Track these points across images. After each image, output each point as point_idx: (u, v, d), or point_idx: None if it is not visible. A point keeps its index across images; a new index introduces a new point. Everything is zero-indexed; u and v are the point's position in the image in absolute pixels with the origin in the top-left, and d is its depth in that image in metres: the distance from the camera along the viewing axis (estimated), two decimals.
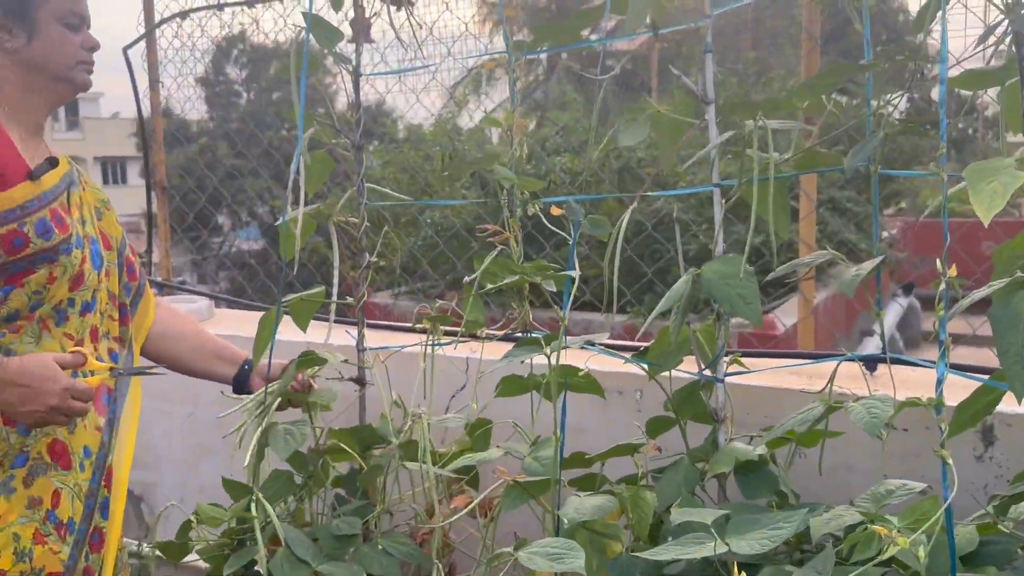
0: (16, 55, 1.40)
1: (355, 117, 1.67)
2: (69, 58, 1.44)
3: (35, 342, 1.34)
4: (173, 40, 3.06)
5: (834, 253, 1.31)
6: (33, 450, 1.32)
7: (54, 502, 1.34)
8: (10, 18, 1.39)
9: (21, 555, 1.29)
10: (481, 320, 1.55)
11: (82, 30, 1.46)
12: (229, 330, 2.55)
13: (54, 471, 1.34)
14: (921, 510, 1.00)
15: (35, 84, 1.42)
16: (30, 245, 1.30)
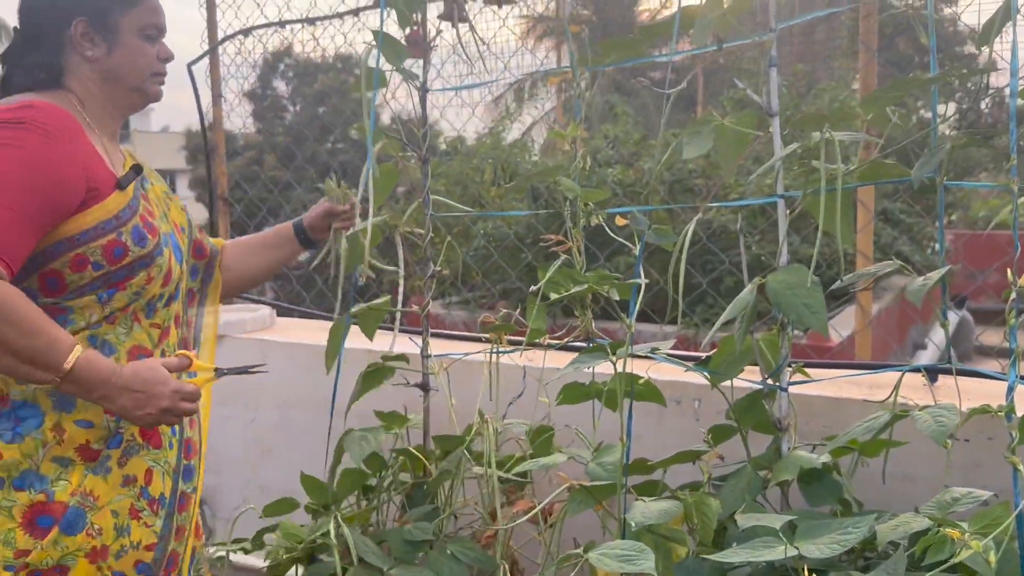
0: (96, 64, 1.44)
1: (421, 131, 1.72)
2: (145, 70, 1.48)
3: (127, 332, 1.41)
4: (236, 57, 3.17)
5: (900, 263, 1.33)
6: (127, 432, 1.39)
7: (147, 479, 1.41)
8: (93, 28, 1.43)
9: (120, 530, 1.37)
10: (544, 329, 1.58)
11: (159, 41, 1.52)
12: (291, 338, 2.63)
13: (146, 451, 1.41)
14: (992, 516, 1.01)
15: (112, 93, 1.47)
16: (129, 253, 1.36)
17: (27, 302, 1.25)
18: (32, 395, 1.32)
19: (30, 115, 1.30)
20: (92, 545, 1.33)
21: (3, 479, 1.30)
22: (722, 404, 1.60)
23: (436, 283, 1.84)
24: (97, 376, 1.27)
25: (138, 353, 1.42)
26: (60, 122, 1.32)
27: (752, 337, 1.45)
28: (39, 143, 1.29)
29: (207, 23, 3.12)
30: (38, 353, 1.23)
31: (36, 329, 1.24)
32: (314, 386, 1.88)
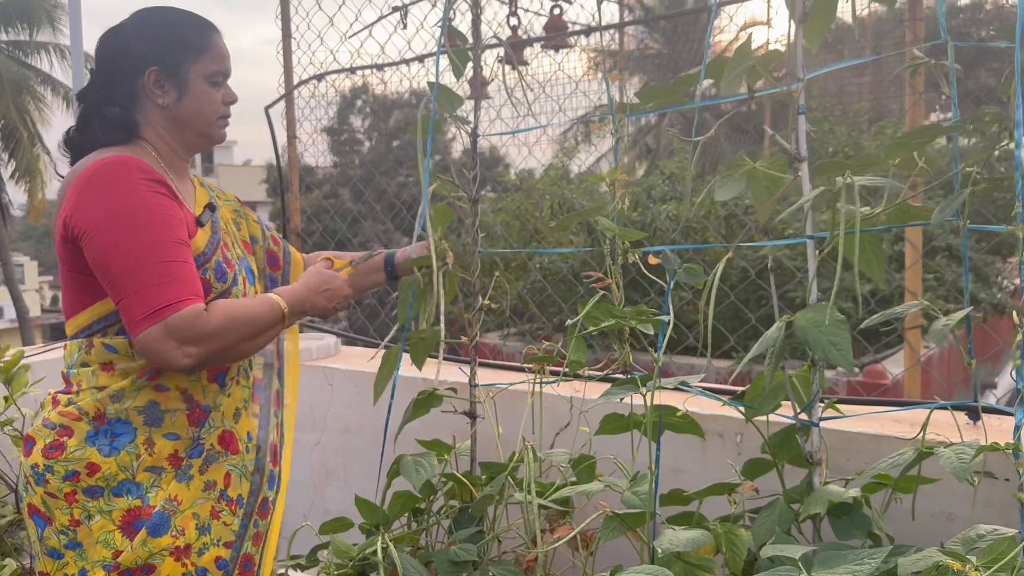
0: (166, 111, 1.53)
1: (472, 173, 1.82)
2: (212, 115, 1.57)
3: None
4: (310, 100, 3.36)
5: (926, 304, 1.36)
6: (207, 442, 1.52)
7: (226, 482, 1.54)
8: (165, 76, 1.52)
9: (202, 529, 1.50)
10: (583, 360, 1.65)
11: (224, 85, 1.59)
12: (355, 366, 2.75)
13: (224, 457, 1.54)
14: (999, 550, 1.04)
15: (180, 137, 1.56)
16: (212, 290, 1.50)
17: (227, 304, 1.45)
18: (125, 413, 1.46)
19: (136, 173, 1.42)
20: (176, 545, 1.46)
21: (103, 488, 1.43)
22: (763, 438, 1.64)
23: (494, 315, 1.93)
24: (296, 300, 1.56)
25: (218, 371, 1.54)
26: (154, 174, 1.45)
27: (784, 373, 1.50)
28: (155, 194, 1.43)
29: (283, 68, 3.32)
30: (265, 327, 1.49)
31: (252, 315, 1.47)
32: (374, 412, 1.98)
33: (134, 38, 1.52)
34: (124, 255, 1.37)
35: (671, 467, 2.00)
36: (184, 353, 1.37)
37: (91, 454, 1.43)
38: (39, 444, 1.45)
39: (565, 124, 3.42)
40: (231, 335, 1.42)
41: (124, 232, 1.38)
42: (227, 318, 1.41)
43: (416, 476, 1.73)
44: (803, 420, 1.51)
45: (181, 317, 1.35)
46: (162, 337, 1.35)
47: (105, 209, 1.39)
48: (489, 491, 1.73)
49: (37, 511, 1.46)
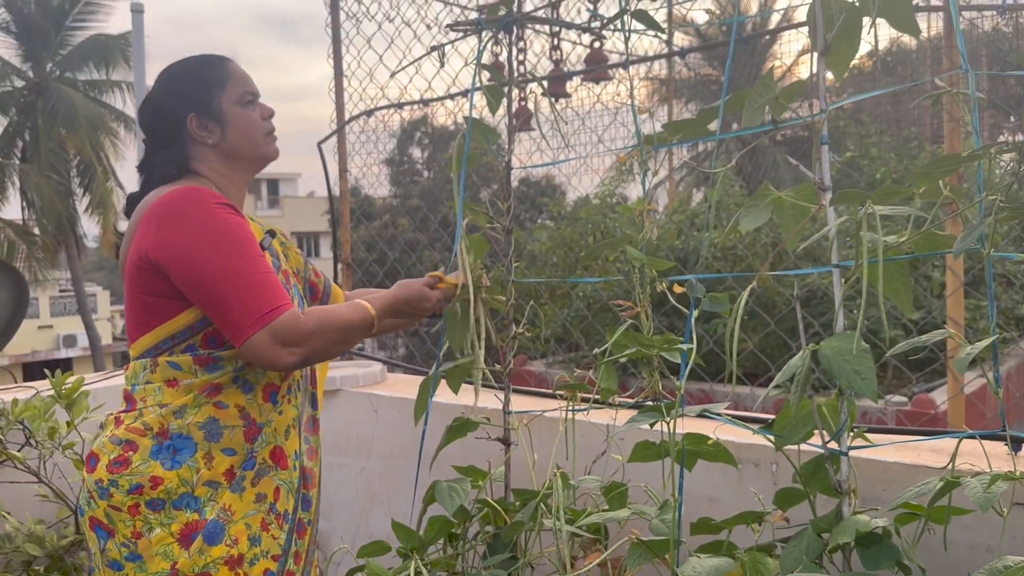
0: (217, 148, 1.63)
1: (506, 205, 1.87)
2: (258, 135, 1.66)
3: (263, 372, 1.63)
4: (360, 135, 3.47)
5: (951, 332, 1.35)
6: (259, 456, 1.60)
7: (275, 496, 1.62)
8: (203, 116, 1.62)
9: (253, 540, 1.58)
10: (614, 388, 1.68)
11: (257, 104, 1.68)
12: (399, 393, 2.81)
13: (275, 471, 1.63)
14: None
15: (238, 167, 1.66)
16: None
17: (319, 309, 1.56)
18: (187, 429, 1.55)
19: (208, 198, 1.53)
20: (230, 554, 1.54)
21: (164, 500, 1.52)
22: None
23: (537, 343, 1.97)
24: (385, 309, 1.67)
25: (271, 390, 1.64)
26: (222, 198, 1.56)
27: (812, 401, 1.50)
28: (230, 215, 1.53)
29: (335, 105, 3.44)
30: (357, 330, 1.61)
31: (344, 319, 1.57)
32: (417, 438, 2.02)
33: (166, 97, 1.63)
34: (221, 271, 1.48)
35: (706, 496, 2.00)
36: (289, 352, 1.48)
37: (154, 468, 1.52)
38: (104, 460, 1.54)
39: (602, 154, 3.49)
40: (327, 336, 1.53)
41: (215, 251, 1.48)
42: (322, 320, 1.52)
43: (450, 502, 1.77)
44: (832, 449, 1.51)
45: (284, 320, 1.47)
46: (269, 340, 1.46)
47: (189, 234, 1.49)
48: (520, 518, 1.76)
49: (100, 523, 1.54)
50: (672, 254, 5.04)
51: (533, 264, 6.05)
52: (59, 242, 19.19)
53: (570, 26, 2.03)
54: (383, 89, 3.42)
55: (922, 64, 7.10)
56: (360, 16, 3.47)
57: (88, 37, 20.18)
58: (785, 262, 3.77)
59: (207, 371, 1.58)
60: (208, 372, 1.58)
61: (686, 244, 5.12)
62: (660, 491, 1.72)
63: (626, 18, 1.68)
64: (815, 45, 1.48)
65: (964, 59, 1.35)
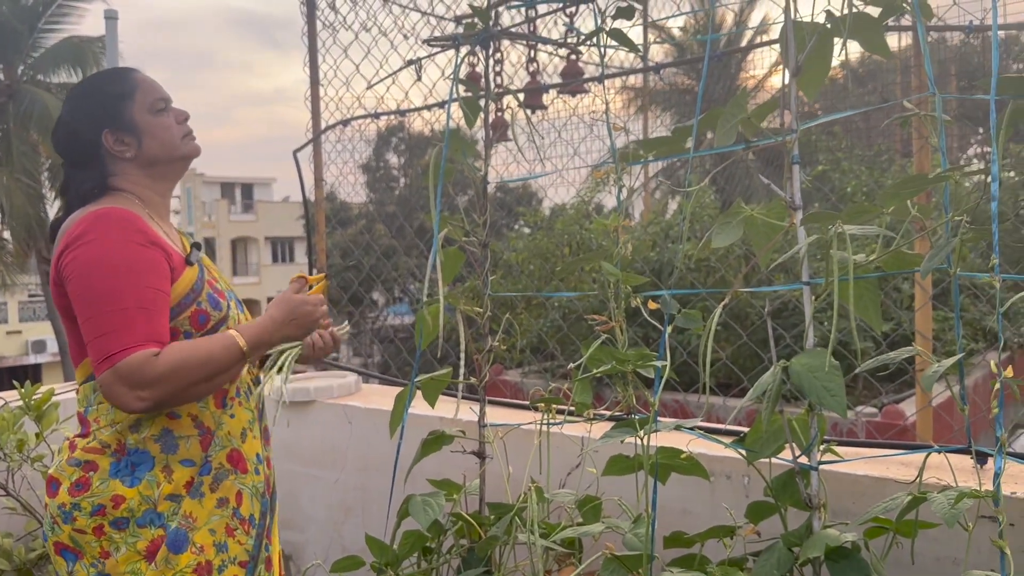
0: (136, 160, 1.61)
1: (482, 219, 1.88)
2: (175, 139, 1.63)
3: None
4: (336, 144, 3.46)
5: (919, 349, 1.38)
6: (214, 460, 1.59)
7: (238, 501, 1.61)
8: (118, 131, 1.59)
9: (220, 547, 1.56)
10: (588, 402, 1.69)
11: (170, 110, 1.65)
12: (375, 404, 2.81)
13: (234, 475, 1.61)
14: None
15: (158, 175, 1.63)
16: (211, 319, 1.59)
17: (181, 347, 1.49)
18: (143, 443, 1.54)
19: (105, 224, 1.50)
20: (197, 561, 1.53)
21: (128, 519, 1.51)
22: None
23: (513, 352, 1.97)
24: (260, 336, 1.56)
25: (221, 395, 1.63)
26: (137, 223, 1.53)
27: (782, 416, 1.52)
28: (130, 244, 1.50)
29: (311, 115, 3.43)
30: (221, 367, 1.51)
31: (207, 356, 1.49)
32: (392, 450, 2.02)
33: (76, 118, 1.62)
34: (86, 305, 1.46)
35: (680, 508, 2.01)
36: (136, 396, 1.43)
37: (115, 486, 1.51)
38: (64, 484, 1.52)
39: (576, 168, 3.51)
40: (182, 377, 1.46)
41: (88, 282, 1.47)
42: (177, 361, 1.45)
43: (424, 517, 1.77)
44: (802, 464, 1.53)
45: (127, 364, 1.42)
46: (113, 382, 1.42)
47: (81, 260, 1.48)
48: (495, 532, 1.76)
49: (66, 547, 1.52)
50: (647, 266, 5.08)
51: (509, 274, 6.06)
52: (29, 246, 18.92)
53: (546, 41, 2.05)
54: (360, 99, 3.42)
55: (893, 76, 7.21)
56: (337, 25, 3.47)
57: (61, 40, 19.94)
58: (758, 274, 3.82)
59: None
60: None
61: (661, 256, 5.16)
62: (634, 504, 1.74)
63: (601, 35, 1.70)
64: (787, 66, 1.50)
65: (931, 82, 1.38)
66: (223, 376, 1.54)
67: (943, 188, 1.50)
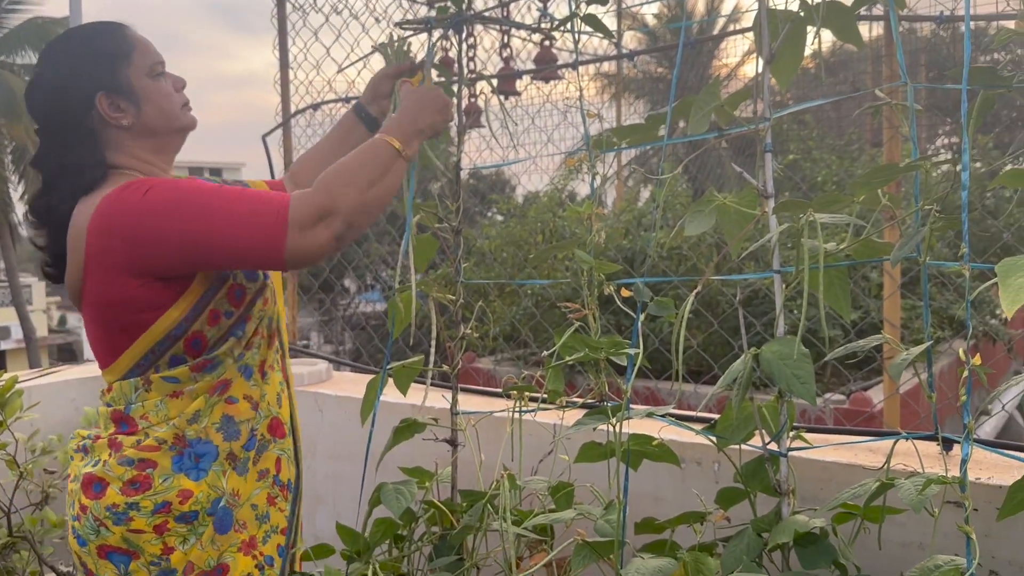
0: (132, 129, 1.45)
1: (455, 206, 1.87)
2: (175, 107, 1.50)
3: (258, 350, 1.55)
4: (307, 128, 3.42)
5: (887, 337, 1.39)
6: (259, 432, 1.52)
7: (277, 468, 1.56)
8: (114, 95, 1.43)
9: (262, 518, 1.52)
10: (561, 390, 1.69)
11: (167, 75, 1.51)
12: (346, 392, 2.79)
13: (273, 443, 1.55)
14: None
15: (158, 147, 1.49)
16: (247, 292, 1.51)
17: (327, 169, 1.38)
18: (204, 433, 1.45)
19: (146, 181, 1.37)
20: (241, 539, 1.47)
21: (197, 512, 1.43)
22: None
23: (487, 340, 1.96)
24: (404, 126, 1.48)
25: (265, 368, 1.56)
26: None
27: (752, 403, 1.52)
28: (172, 183, 1.39)
29: (281, 98, 3.39)
30: (381, 165, 1.41)
31: (359, 162, 1.39)
32: (363, 438, 2.00)
33: (63, 78, 1.43)
34: (209, 224, 1.31)
35: (651, 495, 2.02)
36: (324, 227, 1.31)
37: (180, 481, 1.42)
38: (115, 484, 1.41)
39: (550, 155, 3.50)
40: (352, 185, 1.35)
41: (185, 212, 1.32)
42: (335, 174, 1.34)
43: (396, 504, 1.76)
44: (772, 450, 1.54)
45: (296, 207, 1.30)
46: (301, 233, 1.29)
47: (154, 215, 1.33)
48: (468, 520, 1.76)
49: (115, 549, 1.42)
50: (619, 254, 5.09)
51: (482, 262, 6.05)
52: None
53: (520, 26, 2.03)
54: (330, 82, 3.38)
55: (864, 66, 7.27)
56: (307, 7, 3.42)
57: (26, 20, 19.54)
58: (729, 263, 3.85)
59: (206, 372, 1.47)
60: (207, 372, 1.47)
61: (633, 244, 5.17)
62: (606, 491, 1.74)
63: (575, 21, 1.69)
64: (761, 53, 1.50)
65: (903, 71, 1.38)
66: (390, 177, 1.42)
67: (913, 177, 1.51)
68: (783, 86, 1.56)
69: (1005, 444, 1.50)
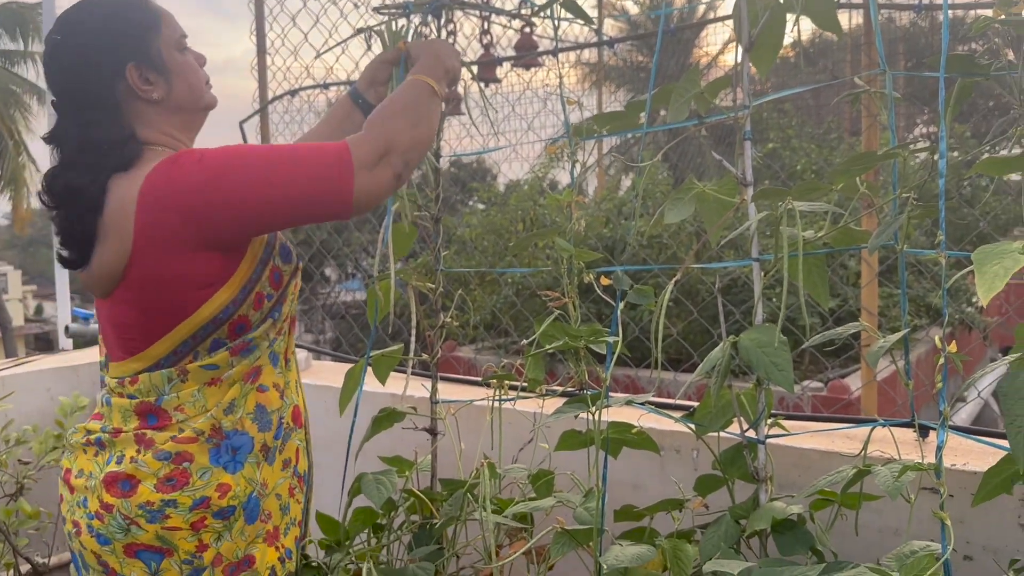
0: (161, 104, 1.39)
1: (434, 193, 1.86)
2: (201, 84, 1.45)
3: (284, 338, 1.51)
4: (284, 115, 3.39)
5: (864, 325, 1.40)
6: (285, 421, 1.48)
7: (296, 459, 1.52)
8: (144, 67, 1.36)
9: (284, 509, 1.48)
10: (541, 378, 1.69)
11: (190, 49, 1.45)
12: (325, 381, 2.77)
13: (295, 432, 1.52)
14: (919, 566, 1.07)
15: (185, 122, 1.44)
16: (284, 274, 1.46)
17: (377, 111, 1.39)
18: (240, 424, 1.41)
19: (193, 152, 1.32)
20: (266, 529, 1.43)
21: (235, 506, 1.38)
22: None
23: (468, 328, 1.96)
24: (435, 71, 1.50)
25: (288, 355, 1.53)
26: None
27: (731, 391, 1.53)
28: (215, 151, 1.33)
29: (259, 84, 3.35)
30: (422, 103, 1.43)
31: (402, 102, 1.42)
32: (343, 428, 2.00)
33: (89, 47, 1.35)
34: (274, 178, 1.28)
35: (631, 482, 2.03)
36: (386, 164, 1.33)
37: (218, 474, 1.38)
38: (148, 481, 1.35)
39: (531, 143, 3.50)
40: (403, 123, 1.37)
41: (251, 171, 1.29)
42: (385, 116, 1.38)
43: (377, 495, 1.75)
44: (750, 437, 1.55)
45: (357, 149, 1.31)
46: (368, 173, 1.31)
47: (212, 178, 1.28)
48: (449, 509, 1.76)
49: (147, 548, 1.36)
50: (600, 242, 5.10)
51: (463, 250, 6.02)
52: None
53: (499, 12, 2.02)
54: (308, 68, 3.35)
55: (843, 55, 7.31)
56: None
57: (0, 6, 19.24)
58: (709, 251, 3.87)
59: (243, 356, 1.42)
60: (244, 357, 1.42)
61: (614, 232, 5.18)
62: (586, 479, 1.75)
63: (555, 7, 1.68)
64: (740, 41, 1.50)
65: (882, 59, 1.38)
66: (431, 114, 1.45)
67: (892, 166, 1.52)
68: (762, 74, 1.56)
69: (980, 430, 1.52)
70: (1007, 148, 1.29)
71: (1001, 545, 1.58)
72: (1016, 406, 1.10)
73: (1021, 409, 1.10)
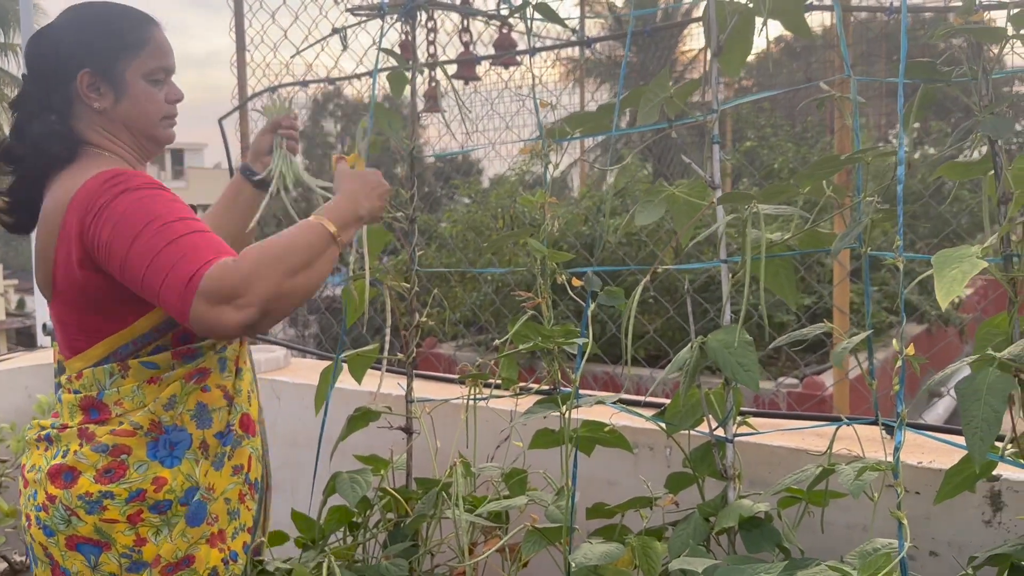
0: (104, 114, 1.43)
1: (409, 193, 1.86)
2: (155, 116, 1.47)
3: (236, 345, 1.54)
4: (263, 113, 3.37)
5: (829, 325, 1.42)
6: (234, 427, 1.51)
7: (248, 465, 1.54)
8: (99, 77, 1.41)
9: (233, 514, 1.50)
10: (515, 377, 1.70)
11: (167, 82, 1.49)
12: (302, 379, 2.78)
13: (247, 440, 1.54)
14: (877, 564, 1.10)
15: (133, 142, 1.47)
16: None
17: (259, 244, 1.29)
18: (180, 419, 1.43)
19: (119, 178, 1.33)
20: (211, 531, 1.45)
21: (171, 501, 1.41)
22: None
23: (447, 326, 1.97)
24: (343, 211, 1.40)
25: (239, 363, 1.55)
26: (142, 175, 1.38)
27: (700, 390, 1.55)
28: (146, 188, 1.34)
29: (238, 80, 3.34)
30: (312, 251, 1.31)
31: (289, 242, 1.29)
32: (320, 426, 2.01)
33: (65, 39, 1.43)
34: (138, 257, 1.27)
35: (605, 480, 2.05)
36: (235, 308, 1.22)
37: (155, 468, 1.40)
38: (87, 472, 1.38)
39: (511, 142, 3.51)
40: (273, 269, 1.25)
41: (129, 236, 1.28)
42: (259, 256, 1.25)
43: (352, 494, 1.76)
44: (718, 436, 1.57)
45: (209, 279, 1.22)
46: (205, 307, 1.21)
47: (111, 224, 1.30)
48: (422, 508, 1.77)
49: (87, 540, 1.39)
50: (579, 240, 5.11)
51: (444, 246, 6.02)
52: None
53: (475, 13, 2.03)
54: (288, 65, 3.34)
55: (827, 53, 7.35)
56: None
57: None
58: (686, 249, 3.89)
59: (186, 361, 1.45)
60: (188, 361, 1.45)
61: (593, 230, 5.19)
62: (559, 477, 1.76)
63: (528, 11, 1.69)
64: (709, 45, 1.51)
65: (847, 64, 1.40)
66: (321, 263, 1.32)
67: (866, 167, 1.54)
68: (733, 76, 1.58)
69: (942, 428, 1.55)
70: (970, 151, 1.32)
71: (966, 541, 1.61)
72: (974, 407, 1.13)
73: (978, 410, 1.13)
